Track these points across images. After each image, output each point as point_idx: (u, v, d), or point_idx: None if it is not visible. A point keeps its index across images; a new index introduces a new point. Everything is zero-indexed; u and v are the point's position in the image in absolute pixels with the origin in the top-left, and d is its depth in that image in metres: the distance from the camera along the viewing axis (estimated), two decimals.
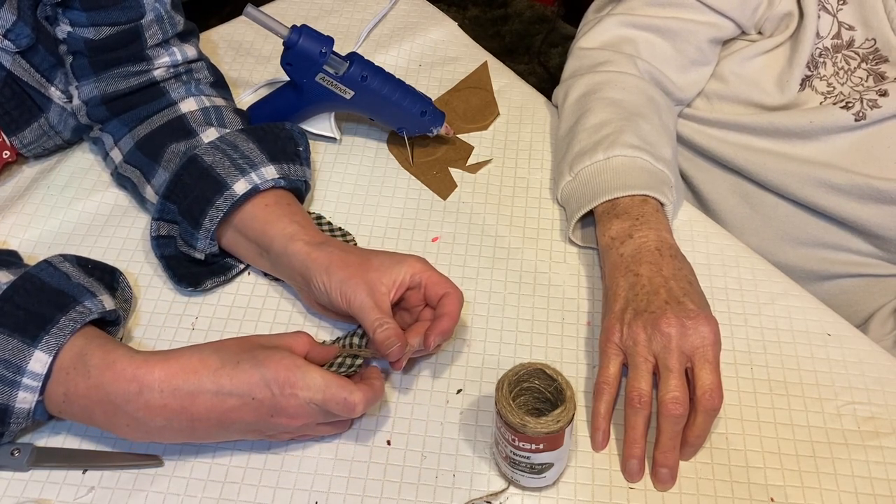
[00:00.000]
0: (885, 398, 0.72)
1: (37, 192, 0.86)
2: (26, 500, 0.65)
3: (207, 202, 0.74)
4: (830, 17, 0.88)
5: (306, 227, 0.74)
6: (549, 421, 0.61)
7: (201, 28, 1.03)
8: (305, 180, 0.81)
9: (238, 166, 0.76)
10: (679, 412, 0.66)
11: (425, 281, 0.71)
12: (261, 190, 0.75)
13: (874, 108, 0.85)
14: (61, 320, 0.63)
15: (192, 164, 0.76)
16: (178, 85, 0.83)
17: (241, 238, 0.77)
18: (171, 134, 0.80)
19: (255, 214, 0.75)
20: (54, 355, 0.62)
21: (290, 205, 0.77)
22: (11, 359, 0.61)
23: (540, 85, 1.04)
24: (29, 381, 0.62)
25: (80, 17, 0.78)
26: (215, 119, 0.81)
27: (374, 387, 0.66)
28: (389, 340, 0.67)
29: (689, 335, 0.67)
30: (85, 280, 0.68)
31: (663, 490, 0.67)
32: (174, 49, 0.83)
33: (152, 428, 0.63)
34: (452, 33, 1.06)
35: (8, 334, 0.62)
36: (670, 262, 0.73)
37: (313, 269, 0.70)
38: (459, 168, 0.91)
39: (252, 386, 0.62)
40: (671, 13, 0.91)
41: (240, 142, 0.78)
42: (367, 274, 0.69)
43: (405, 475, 0.67)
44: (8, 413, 0.62)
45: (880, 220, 0.86)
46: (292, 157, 0.80)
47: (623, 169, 0.79)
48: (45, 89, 0.81)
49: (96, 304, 0.66)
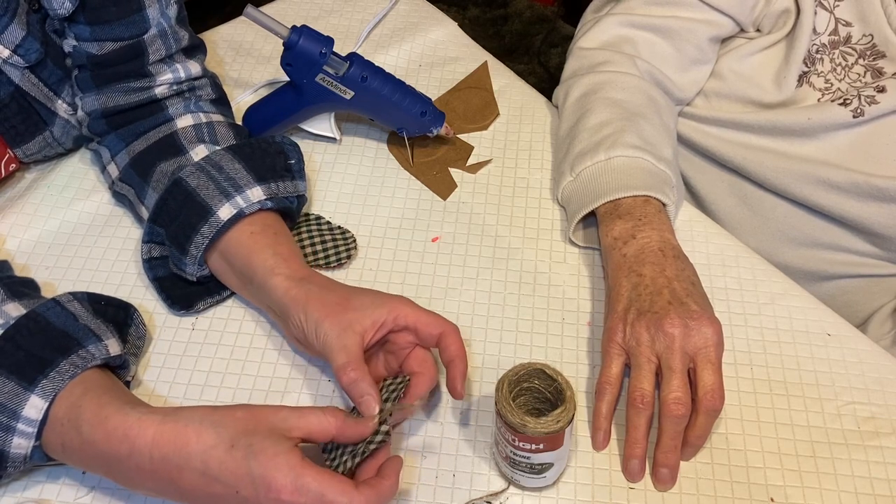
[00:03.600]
0: (885, 398, 0.72)
1: (37, 193, 0.86)
2: (26, 500, 0.65)
3: (193, 229, 0.73)
4: (827, 13, 0.88)
5: (289, 260, 0.72)
6: (549, 421, 0.61)
7: (201, 28, 1.03)
8: (298, 195, 0.79)
9: (222, 189, 0.74)
10: (681, 413, 0.66)
11: (415, 324, 0.67)
12: (246, 214, 0.73)
13: (872, 105, 0.85)
14: (61, 364, 0.61)
15: (176, 188, 0.74)
16: (177, 101, 0.83)
17: (226, 265, 0.74)
18: (161, 152, 0.79)
19: (241, 242, 0.73)
20: (50, 401, 0.60)
21: (276, 234, 0.74)
22: (7, 403, 0.59)
23: (540, 85, 1.04)
24: (24, 426, 0.59)
25: (84, 32, 0.78)
26: (207, 135, 0.80)
27: (380, 489, 0.58)
28: (354, 385, 0.63)
29: (693, 336, 0.67)
30: (92, 322, 0.65)
31: (663, 490, 0.67)
32: (177, 66, 0.82)
33: (148, 489, 0.60)
34: (452, 33, 1.06)
35: (6, 376, 0.59)
36: (673, 263, 0.73)
37: (291, 306, 0.68)
38: (459, 168, 0.91)
39: (238, 479, 0.56)
40: (670, 12, 0.91)
41: (225, 162, 0.76)
42: (344, 314, 0.66)
43: (405, 475, 0.67)
44: (3, 458, 0.60)
45: (880, 219, 0.86)
46: (282, 173, 0.78)
47: (625, 169, 0.79)
48: (52, 103, 0.81)
49: (100, 350, 0.63)
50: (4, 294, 0.65)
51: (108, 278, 0.80)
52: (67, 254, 0.81)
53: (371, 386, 0.63)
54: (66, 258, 0.81)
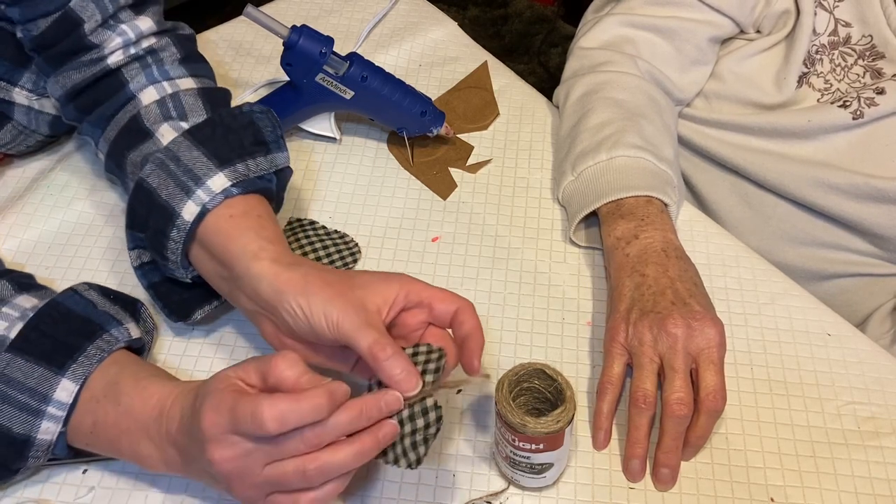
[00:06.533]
0: (885, 398, 0.72)
1: (37, 192, 0.86)
2: (26, 500, 0.65)
3: (163, 235, 0.67)
4: (827, 13, 0.88)
5: (275, 243, 0.64)
6: (549, 421, 0.61)
7: (201, 28, 1.03)
8: (277, 169, 0.71)
9: (182, 185, 0.66)
10: (683, 413, 0.66)
11: (429, 299, 0.61)
12: (210, 209, 0.66)
13: (872, 106, 0.85)
14: (88, 349, 0.62)
15: (139, 191, 0.68)
16: (138, 71, 0.74)
17: (204, 254, 0.67)
18: (128, 139, 0.73)
19: (219, 227, 0.66)
20: (81, 384, 0.61)
21: (259, 216, 0.67)
22: (37, 387, 0.60)
23: (540, 85, 1.04)
24: (54, 410, 0.60)
25: (14, 14, 0.73)
26: (174, 110, 0.72)
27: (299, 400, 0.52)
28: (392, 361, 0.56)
29: (695, 336, 0.67)
30: (111, 308, 0.66)
31: (664, 490, 0.67)
32: (123, 27, 0.74)
33: (170, 459, 0.59)
34: (452, 33, 1.06)
35: (34, 362, 0.60)
36: (676, 264, 0.73)
37: (286, 291, 0.59)
38: (459, 168, 0.91)
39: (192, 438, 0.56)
40: (670, 12, 0.91)
41: (182, 151, 0.68)
42: (352, 293, 0.59)
43: (405, 475, 0.67)
44: (28, 445, 0.60)
45: (879, 220, 0.86)
46: (252, 149, 0.69)
47: (626, 169, 0.79)
48: (8, 93, 0.78)
49: (123, 333, 0.64)
50: (13, 288, 0.65)
51: (108, 278, 0.79)
52: (67, 254, 0.81)
53: (409, 362, 0.57)
54: (66, 258, 0.81)
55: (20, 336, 0.61)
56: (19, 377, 0.60)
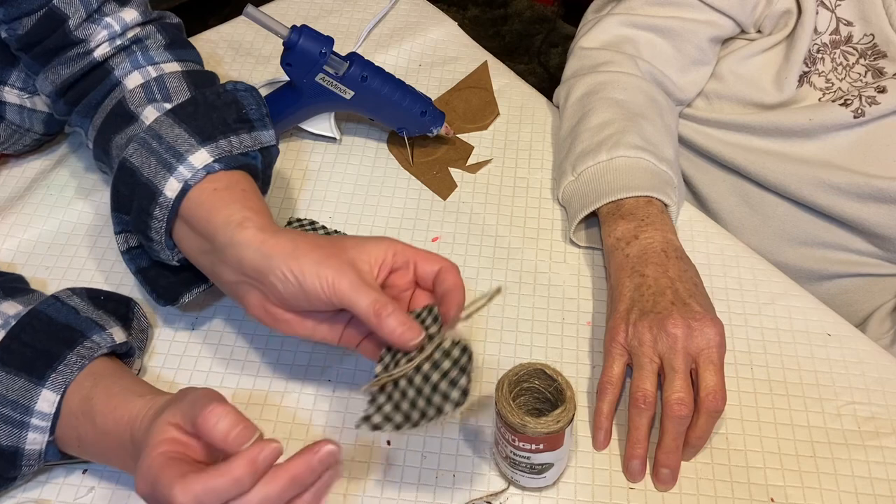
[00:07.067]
0: (885, 398, 0.72)
1: (37, 192, 0.86)
2: (26, 500, 0.65)
3: (147, 214, 0.66)
4: (829, 12, 0.88)
5: (261, 214, 0.63)
6: (549, 421, 0.60)
7: (201, 28, 1.03)
8: (262, 147, 0.70)
9: (164, 162, 0.66)
10: (684, 413, 0.66)
11: (414, 258, 0.61)
12: (192, 185, 0.65)
13: (873, 105, 0.85)
14: (69, 357, 0.61)
15: (122, 171, 0.68)
16: (123, 59, 0.74)
17: (187, 230, 0.66)
18: (114, 123, 0.72)
19: (202, 200, 0.64)
20: (62, 394, 0.60)
21: (244, 190, 0.66)
22: (19, 399, 0.59)
23: (540, 85, 1.04)
24: (38, 421, 0.60)
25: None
26: (158, 92, 0.72)
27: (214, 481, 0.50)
28: (393, 317, 0.56)
29: (695, 337, 0.67)
30: (94, 313, 0.65)
31: (664, 490, 0.67)
32: (108, 20, 0.74)
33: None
34: (452, 33, 1.06)
35: (15, 374, 0.60)
36: (676, 264, 0.73)
37: (274, 256, 0.58)
38: (459, 168, 0.91)
39: None
40: (671, 12, 0.91)
41: (165, 129, 0.67)
42: (344, 253, 0.59)
43: (405, 475, 0.67)
44: (18, 456, 0.60)
45: (880, 220, 0.86)
46: (235, 126, 0.68)
47: (627, 170, 0.79)
48: None
49: (105, 338, 0.64)
50: None
51: (107, 278, 0.79)
52: (67, 254, 0.81)
53: (408, 315, 0.57)
54: (66, 258, 0.81)
55: (1, 347, 0.61)
56: (1, 390, 0.60)
